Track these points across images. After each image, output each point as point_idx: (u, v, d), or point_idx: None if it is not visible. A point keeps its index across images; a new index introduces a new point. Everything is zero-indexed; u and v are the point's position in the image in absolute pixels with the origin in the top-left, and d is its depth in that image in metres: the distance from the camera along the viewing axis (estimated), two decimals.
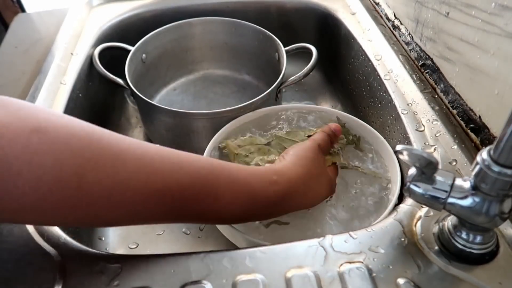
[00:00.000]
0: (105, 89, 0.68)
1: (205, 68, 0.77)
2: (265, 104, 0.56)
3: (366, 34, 0.65)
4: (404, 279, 0.31)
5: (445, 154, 0.43)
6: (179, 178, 0.32)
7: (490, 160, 0.28)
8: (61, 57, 0.61)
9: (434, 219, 0.36)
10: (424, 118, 0.48)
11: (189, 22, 0.70)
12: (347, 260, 0.33)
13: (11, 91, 0.56)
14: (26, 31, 0.71)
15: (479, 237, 0.32)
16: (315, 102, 0.75)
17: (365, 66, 0.61)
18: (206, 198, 0.33)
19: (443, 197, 0.31)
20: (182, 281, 0.31)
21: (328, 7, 0.73)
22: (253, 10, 0.77)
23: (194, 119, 0.56)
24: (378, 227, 0.36)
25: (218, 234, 0.44)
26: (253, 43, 0.71)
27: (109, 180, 0.28)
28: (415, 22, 0.57)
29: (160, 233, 0.53)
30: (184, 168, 0.32)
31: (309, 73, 0.59)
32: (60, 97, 0.54)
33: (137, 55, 0.64)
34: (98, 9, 0.73)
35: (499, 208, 0.29)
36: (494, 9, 0.40)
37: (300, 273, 0.32)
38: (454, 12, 0.48)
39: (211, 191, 0.33)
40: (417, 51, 0.57)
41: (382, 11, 0.69)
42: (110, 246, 0.52)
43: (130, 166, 0.29)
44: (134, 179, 0.29)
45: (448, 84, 0.50)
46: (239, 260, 0.33)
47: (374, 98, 0.59)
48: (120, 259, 0.33)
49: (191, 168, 0.33)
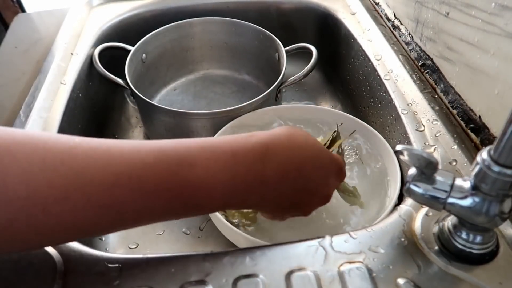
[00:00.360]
0: (105, 89, 0.68)
1: (205, 68, 0.77)
2: (265, 104, 0.56)
3: (366, 34, 0.65)
4: (404, 279, 0.31)
5: (445, 154, 0.43)
6: (140, 156, 0.28)
7: (490, 160, 0.28)
8: (61, 57, 0.61)
9: (434, 219, 0.36)
10: (424, 118, 0.48)
11: (189, 22, 0.70)
12: (347, 260, 0.33)
13: (11, 91, 0.56)
14: (26, 31, 0.71)
15: (479, 237, 0.32)
16: (315, 102, 0.75)
17: (365, 66, 0.61)
18: (178, 168, 0.28)
19: (443, 197, 0.31)
20: (182, 281, 0.31)
21: (328, 7, 0.73)
22: (253, 10, 0.77)
23: (194, 119, 0.56)
24: (378, 227, 0.36)
25: (218, 234, 0.44)
26: (253, 43, 0.71)
27: (61, 179, 0.25)
28: (415, 22, 0.57)
29: (160, 233, 0.53)
30: (144, 146, 0.29)
31: (309, 73, 0.59)
32: (60, 97, 0.54)
33: (137, 55, 0.64)
34: (98, 9, 0.73)
35: (499, 208, 0.29)
36: (494, 9, 0.40)
37: (300, 273, 0.32)
38: (454, 12, 0.48)
39: (182, 160, 0.29)
40: (417, 51, 0.57)
41: (382, 11, 0.69)
42: (110, 246, 0.52)
43: (83, 157, 0.26)
44: (91, 170, 0.26)
45: (448, 84, 0.50)
46: (239, 260, 0.33)
47: (374, 98, 0.59)
48: (120, 259, 0.33)
49: (153, 146, 0.29)
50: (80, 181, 0.26)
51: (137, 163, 0.27)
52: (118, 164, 0.27)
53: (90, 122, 0.61)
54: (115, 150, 0.27)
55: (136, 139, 0.68)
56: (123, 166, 0.27)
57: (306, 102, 0.74)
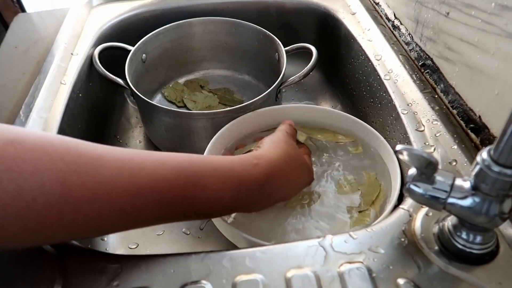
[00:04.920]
0: (105, 89, 0.68)
1: (205, 68, 0.77)
2: (265, 104, 0.56)
3: (366, 34, 0.65)
4: (404, 279, 0.31)
5: (445, 154, 0.43)
6: (162, 173, 0.31)
7: (490, 160, 0.28)
8: (61, 57, 0.61)
9: (434, 219, 0.36)
10: (424, 118, 0.48)
11: (189, 22, 0.70)
12: (347, 260, 0.33)
13: (11, 91, 0.56)
14: (26, 31, 0.71)
15: (479, 237, 0.32)
16: (315, 102, 0.75)
17: (365, 66, 0.61)
18: (193, 188, 0.33)
19: (443, 197, 0.31)
20: (182, 281, 0.31)
21: (328, 7, 0.73)
22: (253, 10, 0.77)
23: (194, 119, 0.56)
24: (378, 227, 0.36)
25: (218, 234, 0.44)
26: (253, 43, 0.71)
27: (92, 182, 0.28)
28: (415, 22, 0.57)
29: (160, 233, 0.53)
30: (166, 163, 0.32)
31: (309, 73, 0.59)
32: (60, 97, 0.54)
33: (137, 55, 0.65)
34: (98, 9, 0.74)
35: (499, 208, 0.29)
36: (494, 9, 0.40)
37: (300, 273, 0.32)
38: (454, 12, 0.48)
39: (197, 181, 0.33)
40: (417, 51, 0.57)
41: (382, 11, 0.69)
42: (110, 246, 0.52)
43: (111, 166, 0.29)
44: (117, 178, 0.29)
45: (448, 84, 0.50)
46: (239, 260, 0.33)
47: (374, 98, 0.59)
48: (120, 259, 0.33)
49: (173, 163, 0.33)
50: (107, 187, 0.29)
51: (159, 179, 0.31)
52: (141, 177, 0.30)
53: (90, 122, 0.61)
54: (138, 161, 0.31)
55: (136, 139, 0.68)
56: (145, 179, 0.30)
57: (306, 102, 0.75)
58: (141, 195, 0.30)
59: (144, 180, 0.30)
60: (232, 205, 0.37)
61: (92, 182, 0.28)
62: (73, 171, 0.27)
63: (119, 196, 0.29)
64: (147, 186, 0.30)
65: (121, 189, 0.29)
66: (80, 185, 0.27)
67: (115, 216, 0.30)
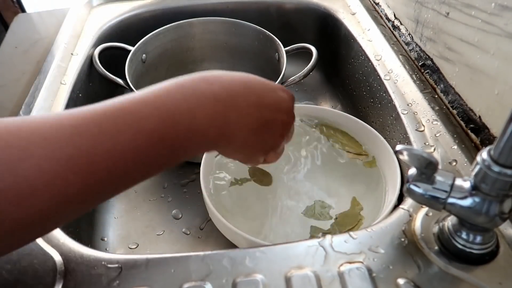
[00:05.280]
0: (105, 89, 0.68)
1: (205, 68, 0.77)
2: None
3: (366, 34, 0.65)
4: (404, 279, 0.31)
5: (445, 154, 0.43)
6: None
7: (490, 160, 0.28)
8: (61, 57, 0.61)
9: (434, 219, 0.36)
10: (424, 118, 0.48)
11: (189, 22, 0.70)
12: (347, 260, 0.33)
13: (11, 91, 0.56)
14: (26, 31, 0.71)
15: (479, 237, 0.32)
16: (315, 102, 0.75)
17: (365, 66, 0.61)
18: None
19: (443, 197, 0.31)
20: (182, 281, 0.31)
21: (328, 7, 0.73)
22: (253, 10, 0.77)
23: None
24: (378, 227, 0.36)
25: (218, 234, 0.44)
26: (253, 43, 0.71)
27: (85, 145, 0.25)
28: (415, 22, 0.57)
29: (160, 233, 0.53)
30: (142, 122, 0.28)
31: (309, 73, 0.59)
32: (60, 97, 0.54)
33: (137, 55, 0.64)
34: (98, 9, 0.74)
35: (499, 208, 0.29)
36: (494, 9, 0.40)
37: (300, 273, 0.32)
38: (454, 12, 0.48)
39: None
40: (417, 51, 0.57)
41: (382, 11, 0.69)
42: (110, 246, 0.52)
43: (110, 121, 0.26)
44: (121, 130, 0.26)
45: (448, 84, 0.50)
46: (239, 260, 0.33)
47: (374, 98, 0.59)
48: (120, 259, 0.33)
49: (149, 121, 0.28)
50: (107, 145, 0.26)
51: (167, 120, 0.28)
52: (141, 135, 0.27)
53: None
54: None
55: None
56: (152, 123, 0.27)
57: (306, 102, 0.74)
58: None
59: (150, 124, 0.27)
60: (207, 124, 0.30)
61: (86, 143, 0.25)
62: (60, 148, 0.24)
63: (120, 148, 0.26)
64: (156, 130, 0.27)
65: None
66: (66, 158, 0.24)
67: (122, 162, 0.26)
